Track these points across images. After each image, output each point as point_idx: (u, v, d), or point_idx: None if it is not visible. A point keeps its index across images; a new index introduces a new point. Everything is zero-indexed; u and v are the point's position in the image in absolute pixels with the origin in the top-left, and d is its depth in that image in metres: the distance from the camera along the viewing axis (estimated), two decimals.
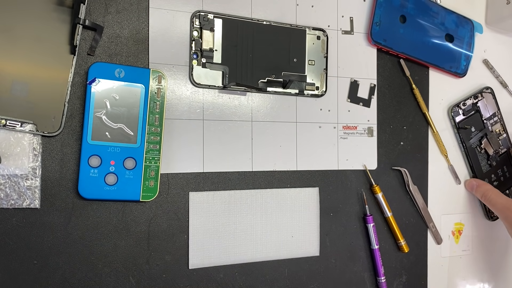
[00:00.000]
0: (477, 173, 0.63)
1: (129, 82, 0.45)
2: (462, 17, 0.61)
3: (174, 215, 0.48)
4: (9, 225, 0.43)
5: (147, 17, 0.47)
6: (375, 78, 0.58)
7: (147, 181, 0.46)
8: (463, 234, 0.63)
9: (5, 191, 0.42)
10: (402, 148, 0.59)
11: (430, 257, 0.61)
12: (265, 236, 0.52)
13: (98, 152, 0.44)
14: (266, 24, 0.52)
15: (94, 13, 0.46)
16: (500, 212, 0.58)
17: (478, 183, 0.61)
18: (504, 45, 0.67)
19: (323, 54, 0.54)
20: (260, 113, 0.52)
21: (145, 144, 0.46)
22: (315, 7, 0.55)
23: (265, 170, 0.52)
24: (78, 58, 0.45)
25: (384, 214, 0.58)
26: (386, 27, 0.57)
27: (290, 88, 0.53)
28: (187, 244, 0.49)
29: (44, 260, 0.44)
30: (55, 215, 0.44)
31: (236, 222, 0.51)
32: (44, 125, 0.43)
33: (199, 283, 0.49)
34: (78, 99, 0.45)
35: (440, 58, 0.60)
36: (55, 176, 0.44)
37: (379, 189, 0.57)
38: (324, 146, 0.55)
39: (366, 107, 0.57)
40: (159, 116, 0.46)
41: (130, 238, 0.47)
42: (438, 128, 0.61)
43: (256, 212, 0.52)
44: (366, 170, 0.57)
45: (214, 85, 0.49)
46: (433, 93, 0.61)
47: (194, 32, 0.49)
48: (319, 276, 0.55)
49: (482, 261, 0.65)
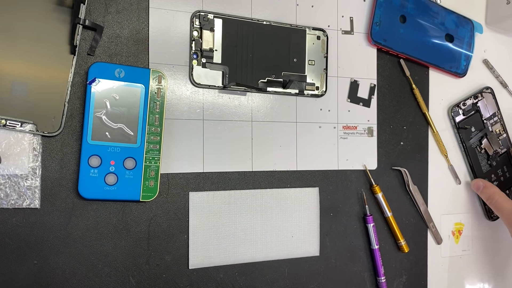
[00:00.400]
0: (477, 173, 0.63)
1: (129, 82, 0.45)
2: (462, 17, 0.61)
3: (174, 215, 0.48)
4: (9, 225, 0.43)
5: (147, 17, 0.47)
6: (375, 78, 0.58)
7: (147, 181, 0.46)
8: (463, 234, 0.63)
9: (5, 191, 0.42)
10: (402, 148, 0.59)
11: (430, 257, 0.61)
12: (265, 236, 0.52)
13: (98, 152, 0.44)
14: (266, 24, 0.52)
15: (94, 13, 0.46)
16: (506, 218, 0.57)
17: (485, 185, 0.61)
18: (504, 45, 0.67)
19: (323, 54, 0.54)
20: (260, 113, 0.52)
21: (145, 144, 0.46)
22: (315, 7, 0.55)
23: (265, 170, 0.52)
24: (78, 58, 0.45)
25: (384, 214, 0.58)
26: (386, 27, 0.57)
27: (290, 88, 0.53)
28: (187, 244, 0.49)
29: (44, 260, 0.44)
30: (55, 215, 0.44)
31: (236, 222, 0.51)
32: (44, 125, 0.43)
33: (199, 283, 0.49)
34: (78, 99, 0.45)
35: (440, 58, 0.60)
36: (55, 176, 0.44)
37: (379, 189, 0.57)
38: (324, 146, 0.55)
39: (366, 107, 0.57)
40: (159, 116, 0.46)
41: (130, 238, 0.47)
42: (438, 128, 0.61)
43: (256, 212, 0.52)
44: (366, 170, 0.57)
45: (214, 85, 0.49)
46: (433, 93, 0.61)
47: (194, 32, 0.49)
48: (319, 276, 0.55)
49: (482, 261, 0.65)
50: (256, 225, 0.52)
